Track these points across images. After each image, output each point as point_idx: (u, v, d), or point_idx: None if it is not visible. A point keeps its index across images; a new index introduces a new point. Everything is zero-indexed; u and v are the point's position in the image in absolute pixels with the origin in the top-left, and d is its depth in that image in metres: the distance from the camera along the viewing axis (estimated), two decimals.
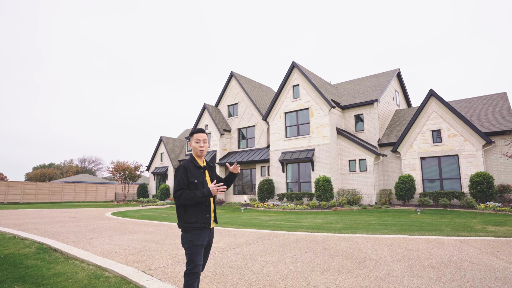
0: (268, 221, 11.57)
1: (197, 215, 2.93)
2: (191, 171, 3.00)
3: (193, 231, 2.90)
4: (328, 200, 18.24)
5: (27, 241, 7.58)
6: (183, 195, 2.85)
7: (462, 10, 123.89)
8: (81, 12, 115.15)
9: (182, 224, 2.92)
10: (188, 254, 2.88)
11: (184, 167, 2.98)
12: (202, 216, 2.96)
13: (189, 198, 2.85)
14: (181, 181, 2.92)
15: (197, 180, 3.01)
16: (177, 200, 2.88)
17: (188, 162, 3.07)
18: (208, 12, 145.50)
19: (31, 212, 17.54)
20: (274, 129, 22.90)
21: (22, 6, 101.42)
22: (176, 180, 2.94)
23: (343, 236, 7.81)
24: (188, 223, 2.90)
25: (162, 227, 10.20)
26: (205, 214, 2.99)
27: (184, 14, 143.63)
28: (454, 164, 17.53)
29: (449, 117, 17.90)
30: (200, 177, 3.05)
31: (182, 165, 3.00)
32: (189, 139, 3.21)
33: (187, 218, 2.91)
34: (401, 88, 26.96)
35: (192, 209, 2.93)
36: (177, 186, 2.91)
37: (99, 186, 42.83)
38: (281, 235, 8.18)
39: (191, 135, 3.19)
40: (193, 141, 3.15)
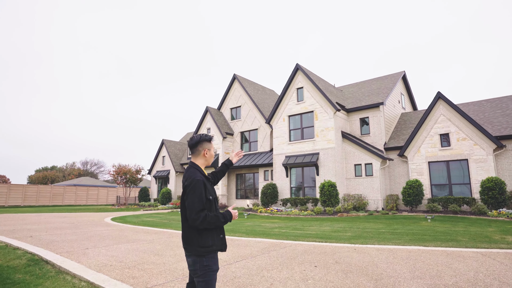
0: (273, 229, 11.11)
1: (213, 237, 2.52)
2: (207, 186, 2.56)
3: (209, 255, 2.48)
4: (333, 205, 17.76)
5: (19, 251, 7.16)
6: (207, 219, 2.41)
7: (462, 12, 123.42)
8: (81, 11, 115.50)
9: (197, 249, 2.46)
10: (203, 282, 2.43)
11: (203, 182, 2.52)
12: (217, 237, 2.56)
13: (212, 222, 2.45)
14: (203, 199, 2.46)
15: (212, 196, 2.59)
16: (199, 223, 2.39)
17: (200, 174, 2.60)
18: (210, 13, 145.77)
19: (29, 217, 17.15)
20: (278, 132, 22.46)
21: (20, 5, 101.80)
22: (196, 197, 2.43)
23: (354, 247, 7.35)
24: (204, 247, 2.46)
25: (163, 235, 9.76)
26: (220, 235, 2.59)
27: (186, 14, 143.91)
28: (464, 169, 17.02)
29: (457, 120, 17.42)
30: (214, 192, 2.66)
31: (200, 179, 2.51)
32: (200, 145, 2.73)
33: (203, 242, 2.47)
34: (406, 90, 26.50)
35: (208, 231, 2.51)
36: (199, 205, 2.42)
37: (101, 189, 42.49)
38: (288, 245, 7.73)
39: (210, 142, 2.77)
40: (212, 148, 2.77)
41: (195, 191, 2.46)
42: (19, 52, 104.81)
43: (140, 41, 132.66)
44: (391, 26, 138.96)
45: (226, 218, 2.55)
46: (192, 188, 2.48)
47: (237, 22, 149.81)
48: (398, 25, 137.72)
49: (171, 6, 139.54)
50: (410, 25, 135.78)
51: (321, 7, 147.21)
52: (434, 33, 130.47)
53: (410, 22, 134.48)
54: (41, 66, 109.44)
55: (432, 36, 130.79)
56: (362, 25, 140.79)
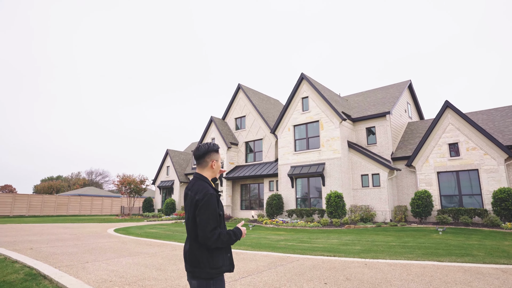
0: (279, 241, 10.79)
1: (223, 257, 2.30)
2: (218, 201, 2.35)
3: (218, 277, 2.26)
4: (340, 217, 17.37)
5: (17, 264, 6.94)
6: (221, 237, 2.20)
7: (466, 21, 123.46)
8: (84, 23, 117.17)
9: (208, 271, 2.22)
10: None
11: (216, 196, 2.31)
12: (226, 257, 2.34)
13: (225, 241, 2.24)
14: (217, 216, 2.25)
15: (222, 211, 2.37)
16: (212, 242, 2.17)
17: (210, 188, 2.37)
18: (215, 23, 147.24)
19: (32, 228, 16.96)
20: (283, 142, 22.22)
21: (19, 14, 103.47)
22: (211, 213, 2.21)
23: (365, 262, 7.03)
24: (215, 268, 2.24)
25: (165, 248, 9.49)
26: (227, 253, 2.37)
27: (189, 23, 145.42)
28: (474, 179, 16.61)
29: (467, 129, 17.08)
30: (222, 206, 2.43)
31: (213, 193, 2.29)
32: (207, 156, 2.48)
33: (215, 263, 2.24)
34: (412, 100, 26.21)
35: (219, 250, 2.29)
36: (213, 222, 2.21)
37: (105, 199, 42.36)
38: (295, 259, 7.42)
39: (217, 152, 2.53)
40: (218, 159, 2.53)
41: (209, 206, 2.23)
42: (25, 64, 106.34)
43: (144, 50, 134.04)
44: (394, 36, 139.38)
45: (237, 236, 2.34)
46: (205, 203, 2.24)
47: (242, 33, 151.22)
48: (401, 35, 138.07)
49: (173, 14, 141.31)
50: (414, 35, 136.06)
51: (325, 18, 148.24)
52: (438, 43, 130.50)
53: (414, 32, 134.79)
54: (45, 77, 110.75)
55: (437, 45, 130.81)
56: (366, 35, 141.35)
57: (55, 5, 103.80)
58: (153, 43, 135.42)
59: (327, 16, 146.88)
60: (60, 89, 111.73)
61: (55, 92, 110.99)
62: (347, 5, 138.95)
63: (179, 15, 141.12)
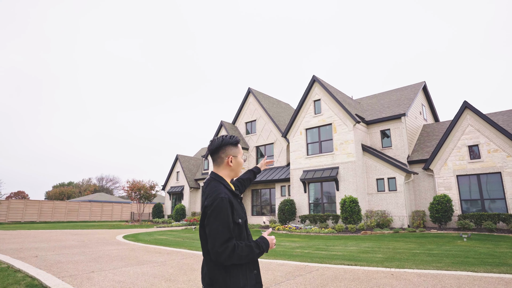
0: (294, 249, 10.25)
1: (245, 275, 1.80)
2: (234, 206, 1.85)
3: None
4: (355, 222, 16.73)
5: (20, 274, 6.56)
6: (236, 251, 1.71)
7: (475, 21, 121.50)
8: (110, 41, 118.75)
9: None
10: None
11: (229, 201, 1.81)
12: (251, 275, 1.84)
13: (244, 256, 1.74)
14: (229, 225, 1.75)
15: (242, 218, 1.88)
16: (225, 258, 1.69)
17: (225, 189, 1.89)
18: (225, 29, 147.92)
19: (40, 234, 16.71)
20: (295, 146, 21.70)
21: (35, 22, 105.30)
22: (220, 222, 1.74)
23: (390, 272, 6.46)
24: None
25: (176, 256, 9.04)
26: (253, 271, 1.87)
27: (199, 28, 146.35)
28: (497, 183, 15.83)
29: (487, 131, 16.34)
30: (243, 213, 1.94)
31: (225, 197, 1.80)
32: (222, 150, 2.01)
33: (233, 282, 1.76)
34: (427, 101, 25.48)
35: (239, 266, 1.79)
36: (224, 233, 1.72)
37: (115, 205, 42.25)
38: (314, 269, 6.89)
39: (236, 146, 2.05)
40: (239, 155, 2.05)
41: (219, 214, 1.76)
42: (40, 72, 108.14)
43: (152, 54, 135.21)
44: (402, 37, 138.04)
45: (262, 248, 1.84)
46: (214, 209, 1.77)
47: (252, 39, 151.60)
48: (409, 36, 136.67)
49: (182, 18, 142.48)
50: (422, 35, 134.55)
51: (334, 23, 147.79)
52: (448, 43, 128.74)
53: (422, 32, 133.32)
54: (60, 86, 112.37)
55: (446, 45, 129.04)
56: (374, 38, 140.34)
57: (57, 6, 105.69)
58: (160, 49, 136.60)
59: (337, 21, 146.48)
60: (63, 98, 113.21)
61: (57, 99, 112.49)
62: (355, 9, 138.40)
63: (187, 19, 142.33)
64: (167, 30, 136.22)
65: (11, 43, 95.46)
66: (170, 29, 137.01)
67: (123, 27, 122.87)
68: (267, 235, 1.95)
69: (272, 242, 1.94)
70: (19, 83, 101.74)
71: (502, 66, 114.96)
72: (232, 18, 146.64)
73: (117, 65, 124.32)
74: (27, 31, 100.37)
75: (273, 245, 1.94)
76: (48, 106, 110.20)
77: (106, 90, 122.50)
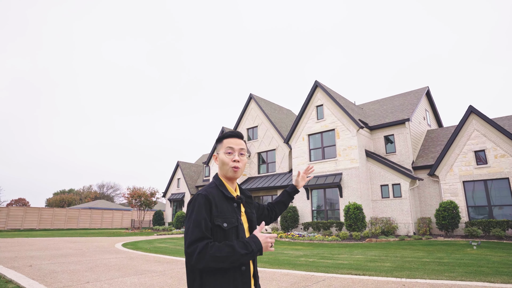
0: (299, 257, 9.89)
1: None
2: (217, 206, 1.57)
3: None
4: (360, 230, 16.35)
5: (11, 285, 6.23)
6: (209, 252, 1.42)
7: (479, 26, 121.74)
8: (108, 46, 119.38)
9: None
10: None
11: (205, 197, 1.55)
12: None
13: (222, 257, 1.42)
14: (202, 223, 1.48)
15: (227, 223, 1.56)
16: (195, 261, 1.41)
17: (211, 189, 1.63)
18: (226, 34, 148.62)
19: (37, 242, 16.35)
20: (297, 152, 21.39)
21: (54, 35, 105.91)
22: (192, 222, 1.50)
23: (402, 282, 6.11)
24: None
25: (175, 266, 8.69)
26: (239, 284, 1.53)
27: (198, 32, 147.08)
28: (505, 189, 15.47)
29: (494, 135, 16.02)
30: (233, 217, 1.60)
31: (203, 193, 1.57)
32: (215, 148, 1.82)
33: None
34: (431, 107, 25.20)
35: (216, 279, 1.47)
36: (195, 232, 1.46)
37: (115, 212, 41.86)
38: (320, 279, 6.55)
39: (220, 141, 1.77)
40: (221, 150, 1.73)
41: (192, 212, 1.53)
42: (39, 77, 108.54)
43: (152, 60, 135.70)
44: (403, 44, 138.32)
45: (251, 248, 1.50)
46: (189, 207, 1.56)
47: (253, 44, 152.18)
48: (411, 42, 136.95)
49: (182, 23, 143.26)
50: (425, 40, 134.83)
51: (336, 29, 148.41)
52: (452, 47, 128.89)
53: (425, 37, 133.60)
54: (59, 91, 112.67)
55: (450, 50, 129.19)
56: (376, 45, 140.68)
57: (55, 9, 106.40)
58: (160, 54, 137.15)
59: (340, 27, 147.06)
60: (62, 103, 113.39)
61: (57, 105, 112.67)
62: (358, 15, 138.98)
63: (189, 24, 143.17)
64: (168, 35, 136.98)
65: (9, 47, 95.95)
66: (171, 34, 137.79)
67: (124, 32, 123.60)
68: (259, 232, 1.59)
69: (266, 241, 1.55)
70: (18, 88, 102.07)
71: (504, 71, 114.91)
72: (234, 24, 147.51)
73: (116, 71, 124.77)
74: (25, 34, 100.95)
75: (267, 246, 1.56)
76: (47, 112, 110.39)
77: (105, 96, 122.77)
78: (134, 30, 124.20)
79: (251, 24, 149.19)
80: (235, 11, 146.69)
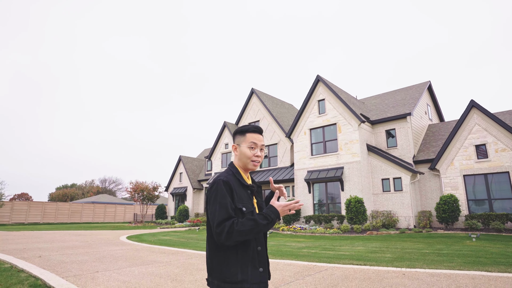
0: (301, 249, 10.09)
1: (245, 269, 1.64)
2: (236, 191, 1.72)
3: None
4: (361, 223, 16.55)
5: (23, 274, 6.45)
6: (235, 227, 1.57)
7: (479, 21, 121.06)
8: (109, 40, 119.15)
9: (220, 284, 1.63)
10: None
11: (227, 183, 1.71)
12: (254, 271, 1.67)
13: (247, 230, 1.58)
14: (227, 204, 1.64)
15: (246, 207, 1.72)
16: (225, 237, 1.56)
17: (229, 176, 1.79)
18: (228, 29, 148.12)
19: (44, 235, 16.62)
20: (299, 146, 21.54)
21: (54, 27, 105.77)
22: (218, 204, 1.65)
23: (402, 271, 6.30)
24: (230, 282, 1.62)
25: (180, 256, 8.91)
26: (258, 268, 1.70)
27: (199, 28, 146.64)
28: (505, 182, 15.61)
29: (495, 130, 16.13)
30: (249, 203, 1.77)
31: (224, 179, 1.72)
32: (234, 139, 1.96)
33: (230, 273, 1.63)
34: (432, 101, 25.27)
35: (237, 258, 1.65)
36: (222, 213, 1.61)
37: (118, 206, 42.18)
38: (323, 269, 6.74)
39: (242, 134, 1.90)
40: (244, 144, 1.87)
41: (216, 195, 1.68)
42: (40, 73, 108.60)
43: (152, 55, 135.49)
44: (404, 38, 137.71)
45: (270, 217, 1.65)
46: (212, 192, 1.71)
47: (254, 39, 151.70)
48: (412, 36, 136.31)
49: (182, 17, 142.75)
50: (424, 33, 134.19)
51: (337, 24, 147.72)
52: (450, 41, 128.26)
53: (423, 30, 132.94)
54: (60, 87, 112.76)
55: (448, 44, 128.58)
56: (376, 39, 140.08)
57: (57, 6, 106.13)
58: (161, 49, 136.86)
59: (340, 20, 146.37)
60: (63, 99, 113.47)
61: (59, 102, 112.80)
62: (358, 8, 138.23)
63: (190, 19, 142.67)
64: (169, 30, 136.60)
65: (11, 43, 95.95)
66: (173, 29, 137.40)
67: (125, 27, 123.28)
68: (275, 201, 1.75)
69: (283, 209, 1.70)
70: (19, 84, 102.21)
71: (504, 66, 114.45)
72: (235, 18, 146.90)
73: (118, 66, 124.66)
74: (26, 30, 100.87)
75: (284, 211, 1.70)
76: (48, 108, 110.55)
77: (106, 92, 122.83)
78: (136, 26, 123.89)
79: (253, 19, 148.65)
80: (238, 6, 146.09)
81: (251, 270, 1.66)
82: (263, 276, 1.71)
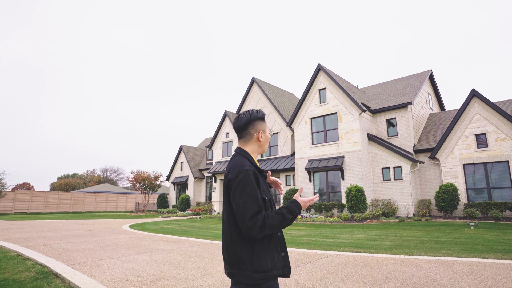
0: (301, 237, 10.25)
1: (272, 256, 1.71)
2: (260, 181, 1.78)
3: (267, 283, 1.68)
4: (361, 211, 16.71)
5: (29, 261, 6.59)
6: (267, 222, 1.62)
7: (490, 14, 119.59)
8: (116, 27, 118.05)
9: (250, 275, 1.65)
10: None
11: (254, 173, 1.75)
12: (278, 257, 1.74)
13: (276, 225, 1.66)
14: (258, 197, 1.67)
15: (266, 196, 1.78)
16: (257, 231, 1.60)
17: (249, 163, 1.81)
18: (227, 18, 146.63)
19: (47, 224, 16.83)
20: (300, 135, 21.59)
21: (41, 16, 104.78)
22: (248, 195, 1.65)
23: (400, 258, 6.43)
24: (261, 272, 1.65)
25: (183, 244, 9.06)
26: (281, 253, 1.77)
27: (200, 18, 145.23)
28: (504, 172, 15.70)
29: (495, 119, 16.15)
30: (268, 191, 1.84)
31: (250, 169, 1.73)
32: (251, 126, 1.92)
33: (260, 263, 1.66)
34: (433, 90, 25.20)
35: (264, 246, 1.69)
36: (253, 206, 1.63)
37: (120, 196, 42.51)
38: (323, 256, 6.87)
39: (263, 120, 1.96)
40: (267, 129, 1.96)
41: (245, 186, 1.67)
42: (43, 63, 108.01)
43: (155, 45, 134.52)
44: (405, 26, 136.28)
45: (295, 212, 1.74)
46: (239, 182, 1.68)
47: (254, 28, 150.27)
48: (411, 24, 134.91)
49: (184, 8, 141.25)
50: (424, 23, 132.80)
51: (337, 13, 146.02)
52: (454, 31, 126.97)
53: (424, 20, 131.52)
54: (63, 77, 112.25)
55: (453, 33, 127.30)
56: (376, 27, 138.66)
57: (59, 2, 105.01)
58: (164, 39, 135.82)
59: (341, 11, 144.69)
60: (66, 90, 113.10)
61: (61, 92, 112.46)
62: None
63: (191, 9, 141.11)
64: (171, 20, 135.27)
65: (14, 33, 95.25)
66: (174, 19, 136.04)
67: (128, 16, 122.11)
68: (299, 196, 1.83)
69: (305, 205, 1.80)
70: (22, 74, 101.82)
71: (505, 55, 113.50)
72: (237, 8, 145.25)
73: (120, 55, 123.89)
74: (31, 20, 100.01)
75: (306, 206, 1.80)
76: (50, 98, 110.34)
77: (108, 81, 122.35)
78: (139, 16, 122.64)
79: (254, 8, 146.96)
80: None
81: (276, 257, 1.73)
82: (286, 260, 1.79)
